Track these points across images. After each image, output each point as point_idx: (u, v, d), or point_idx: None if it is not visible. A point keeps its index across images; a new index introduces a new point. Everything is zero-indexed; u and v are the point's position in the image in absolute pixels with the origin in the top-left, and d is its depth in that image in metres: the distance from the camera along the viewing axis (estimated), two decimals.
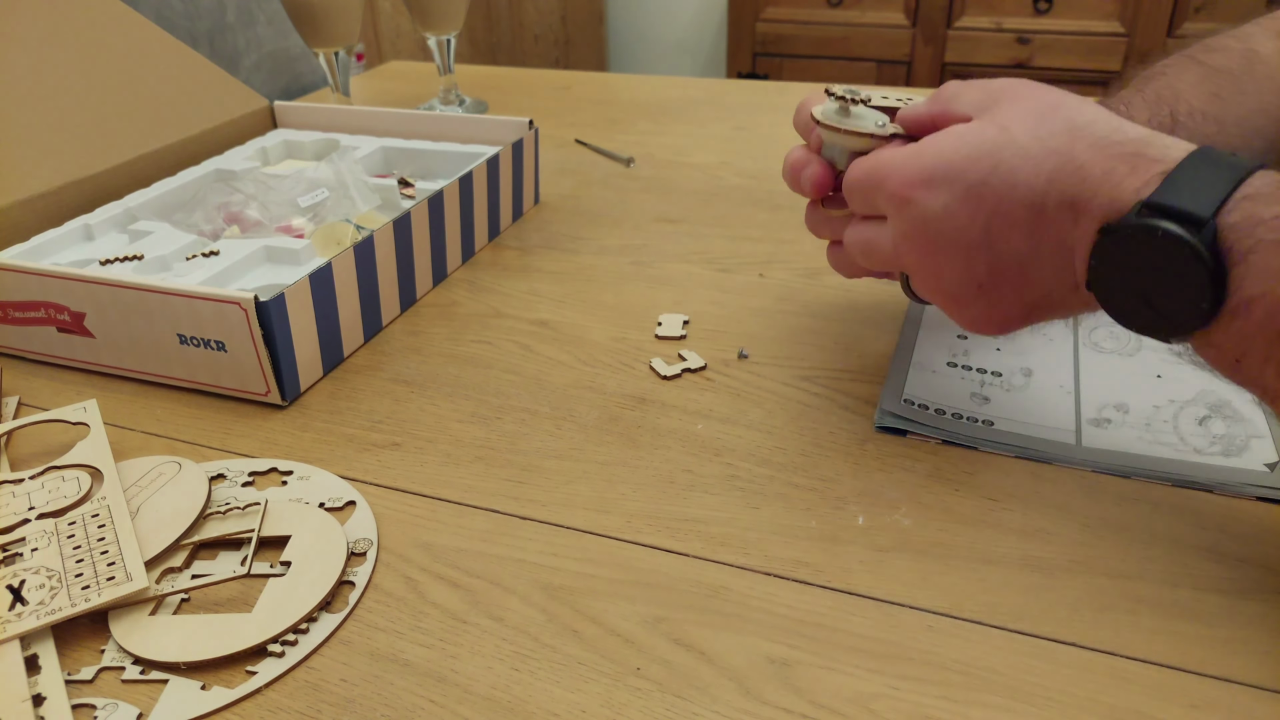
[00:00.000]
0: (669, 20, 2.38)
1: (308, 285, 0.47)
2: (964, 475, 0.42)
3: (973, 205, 0.36)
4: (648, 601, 0.36)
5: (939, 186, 0.36)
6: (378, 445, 0.45)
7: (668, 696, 0.32)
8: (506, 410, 0.47)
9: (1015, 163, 0.35)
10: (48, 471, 0.41)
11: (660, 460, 0.44)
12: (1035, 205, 0.35)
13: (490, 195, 0.65)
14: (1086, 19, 1.78)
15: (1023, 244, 0.36)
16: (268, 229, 0.59)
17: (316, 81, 1.21)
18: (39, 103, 0.61)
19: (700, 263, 0.63)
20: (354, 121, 0.74)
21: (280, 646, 0.34)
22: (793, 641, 0.34)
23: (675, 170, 0.79)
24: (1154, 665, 0.33)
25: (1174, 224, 0.31)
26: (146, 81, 0.68)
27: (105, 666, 0.33)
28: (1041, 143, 0.35)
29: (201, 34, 1.03)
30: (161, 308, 0.47)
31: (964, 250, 0.37)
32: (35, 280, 0.49)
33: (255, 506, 0.40)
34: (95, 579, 0.35)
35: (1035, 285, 0.37)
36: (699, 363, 0.50)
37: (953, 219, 0.36)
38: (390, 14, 1.45)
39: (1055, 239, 0.35)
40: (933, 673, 0.33)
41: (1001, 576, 0.36)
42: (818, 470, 0.43)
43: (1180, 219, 0.31)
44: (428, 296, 0.59)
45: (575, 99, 1.00)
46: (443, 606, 0.36)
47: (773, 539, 0.39)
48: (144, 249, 0.55)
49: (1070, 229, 0.35)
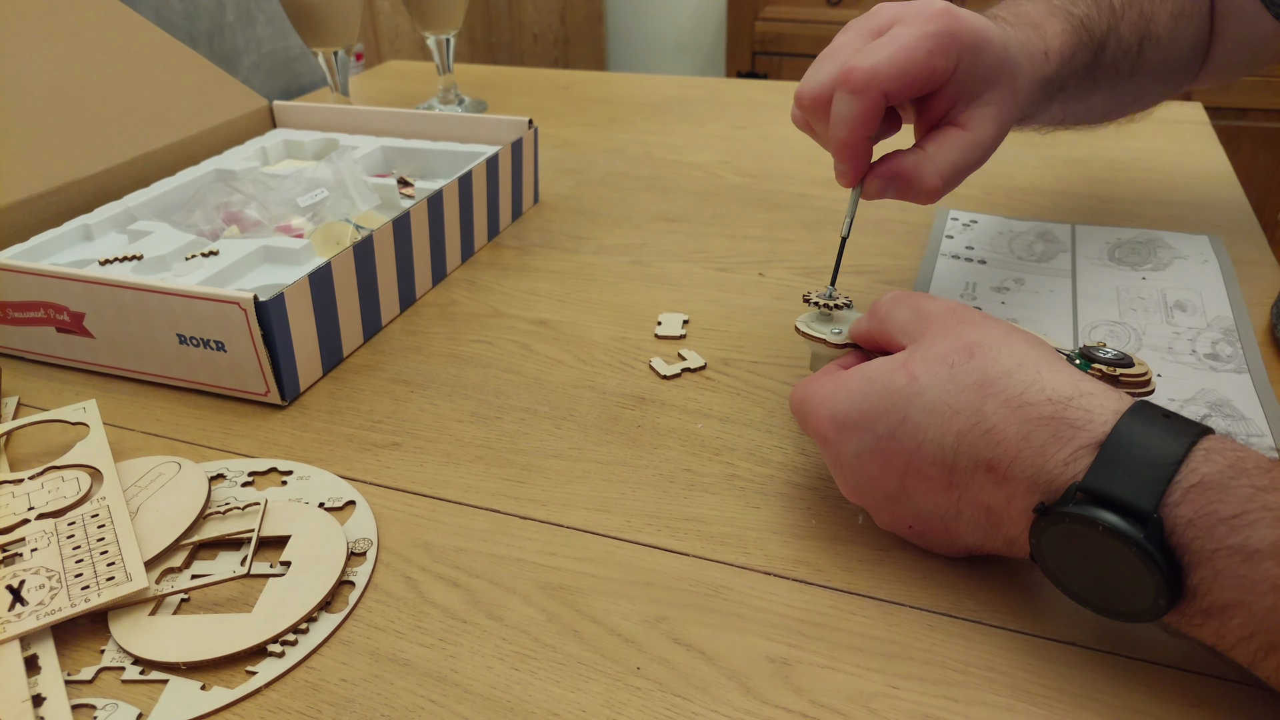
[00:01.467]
0: (668, 19, 2.38)
1: (307, 285, 0.47)
2: None
3: (884, 458, 0.34)
4: (648, 601, 0.36)
5: (850, 433, 0.35)
6: (377, 445, 0.45)
7: (668, 696, 0.32)
8: (506, 410, 0.47)
9: (920, 419, 0.33)
10: (47, 472, 0.41)
11: (660, 459, 0.44)
12: (946, 464, 0.33)
13: (489, 195, 0.65)
14: None
15: (941, 500, 0.34)
16: (267, 229, 0.59)
17: (315, 81, 1.21)
18: (38, 103, 0.61)
19: (699, 262, 0.63)
20: (353, 121, 0.74)
21: (280, 646, 0.34)
22: (793, 641, 0.34)
23: (674, 169, 0.79)
24: (1154, 664, 0.33)
25: (1115, 516, 0.28)
26: (145, 81, 0.68)
27: (105, 667, 0.33)
28: (948, 398, 0.32)
29: (200, 34, 1.02)
30: (161, 308, 0.47)
31: (885, 498, 0.35)
32: (34, 280, 0.49)
33: (255, 506, 0.40)
34: (95, 579, 0.35)
35: (965, 537, 0.35)
36: (699, 362, 0.50)
37: (867, 468, 0.35)
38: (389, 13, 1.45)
39: (975, 501, 0.33)
40: (933, 671, 0.33)
41: (1002, 575, 0.36)
42: (818, 469, 0.43)
43: (1120, 510, 0.28)
44: (427, 296, 0.59)
45: (575, 98, 1.00)
46: (443, 606, 0.36)
47: (773, 538, 0.39)
48: (143, 249, 0.55)
49: (991, 492, 0.32)
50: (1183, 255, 0.59)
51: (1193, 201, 0.68)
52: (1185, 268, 0.58)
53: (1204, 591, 0.28)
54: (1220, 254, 0.59)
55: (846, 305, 0.43)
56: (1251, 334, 0.51)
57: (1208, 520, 0.27)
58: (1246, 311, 0.53)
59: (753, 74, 2.04)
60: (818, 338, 0.41)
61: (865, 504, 0.37)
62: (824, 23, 1.94)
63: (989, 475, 0.32)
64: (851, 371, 0.36)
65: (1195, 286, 0.56)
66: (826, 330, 0.42)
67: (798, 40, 1.98)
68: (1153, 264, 0.58)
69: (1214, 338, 0.50)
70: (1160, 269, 0.58)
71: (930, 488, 0.34)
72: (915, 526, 0.36)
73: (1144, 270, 0.58)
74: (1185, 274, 0.57)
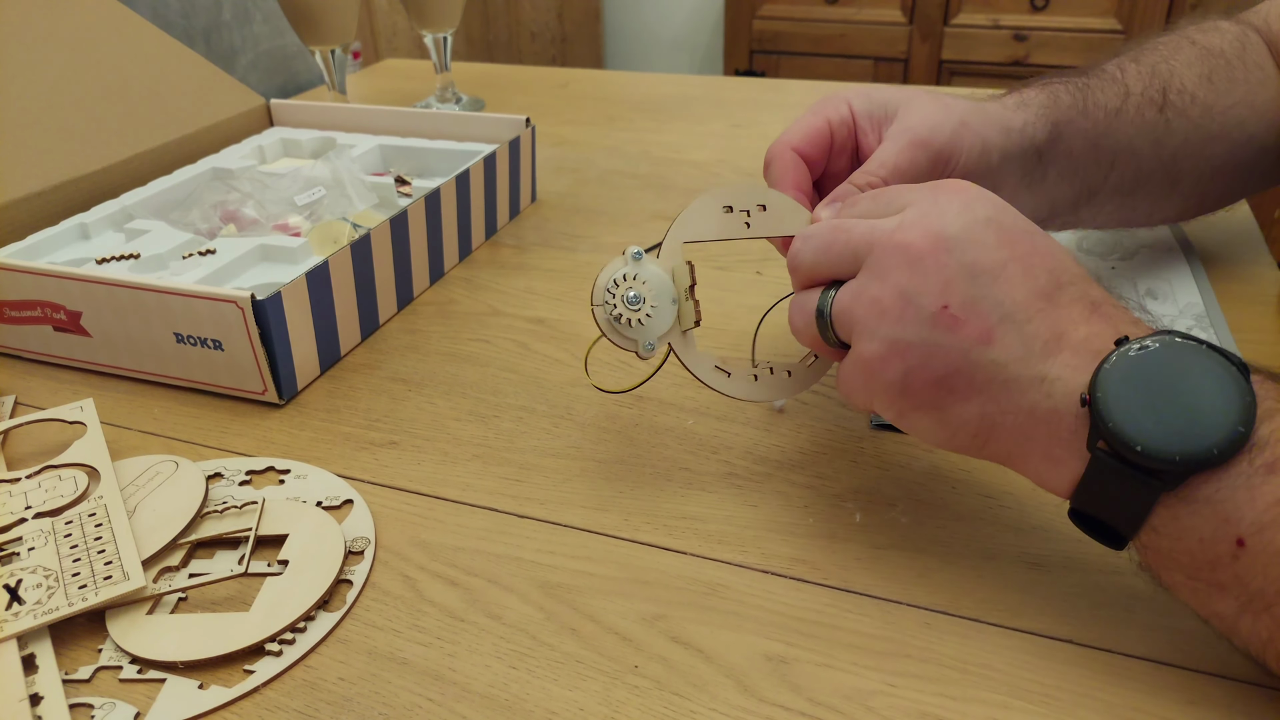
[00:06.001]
0: (666, 18, 2.38)
1: (304, 284, 0.47)
2: (961, 472, 0.42)
3: (1008, 236, 0.33)
4: (646, 599, 0.36)
5: (989, 201, 0.34)
6: (375, 444, 0.45)
7: (666, 694, 0.32)
8: (504, 408, 0.47)
9: (1056, 246, 0.33)
10: (44, 471, 0.41)
11: (658, 458, 0.44)
12: (1058, 280, 0.32)
13: (487, 193, 0.65)
14: (1083, 16, 1.78)
15: (1021, 300, 0.32)
16: (264, 227, 0.59)
17: (313, 79, 1.20)
18: (34, 101, 0.61)
19: (697, 260, 0.62)
20: (351, 119, 0.74)
21: (278, 645, 0.34)
22: (790, 639, 0.34)
23: (672, 168, 0.79)
24: (1151, 662, 0.33)
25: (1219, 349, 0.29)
26: (142, 80, 0.68)
27: (103, 666, 0.33)
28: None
29: (197, 32, 1.02)
30: (158, 307, 0.47)
31: (965, 270, 0.32)
32: (31, 279, 0.49)
33: (252, 505, 0.40)
34: (92, 578, 0.35)
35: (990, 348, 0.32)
36: None
37: (984, 234, 0.33)
38: (387, 11, 1.45)
39: (1053, 322, 0.32)
40: (930, 669, 0.33)
41: (999, 573, 0.36)
42: (815, 467, 0.43)
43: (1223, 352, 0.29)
44: (425, 295, 0.59)
45: (572, 96, 1.00)
46: (440, 605, 0.36)
47: (770, 536, 0.39)
48: (140, 248, 0.55)
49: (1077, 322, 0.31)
50: (1147, 244, 0.60)
51: None
52: (1152, 256, 0.59)
53: (1275, 441, 0.27)
54: (1186, 245, 0.60)
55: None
56: (1223, 320, 0.51)
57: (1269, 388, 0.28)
58: (1215, 298, 0.53)
59: (750, 72, 2.04)
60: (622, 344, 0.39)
61: (928, 263, 0.32)
62: (822, 21, 1.94)
63: (1088, 309, 0.32)
64: (940, 195, 0.34)
65: (1164, 275, 0.56)
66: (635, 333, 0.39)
67: (795, 39, 1.98)
68: (1120, 253, 0.59)
69: (1188, 324, 0.51)
70: (1127, 258, 0.58)
71: (1028, 283, 0.32)
72: (953, 309, 0.32)
73: (1112, 260, 0.58)
74: (1153, 262, 0.58)
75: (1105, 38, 1.77)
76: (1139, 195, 0.51)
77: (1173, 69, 0.50)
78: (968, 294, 0.32)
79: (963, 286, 0.32)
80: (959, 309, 0.32)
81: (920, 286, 0.32)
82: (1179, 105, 0.49)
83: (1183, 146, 0.50)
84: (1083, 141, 0.47)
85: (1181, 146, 0.50)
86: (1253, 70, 0.51)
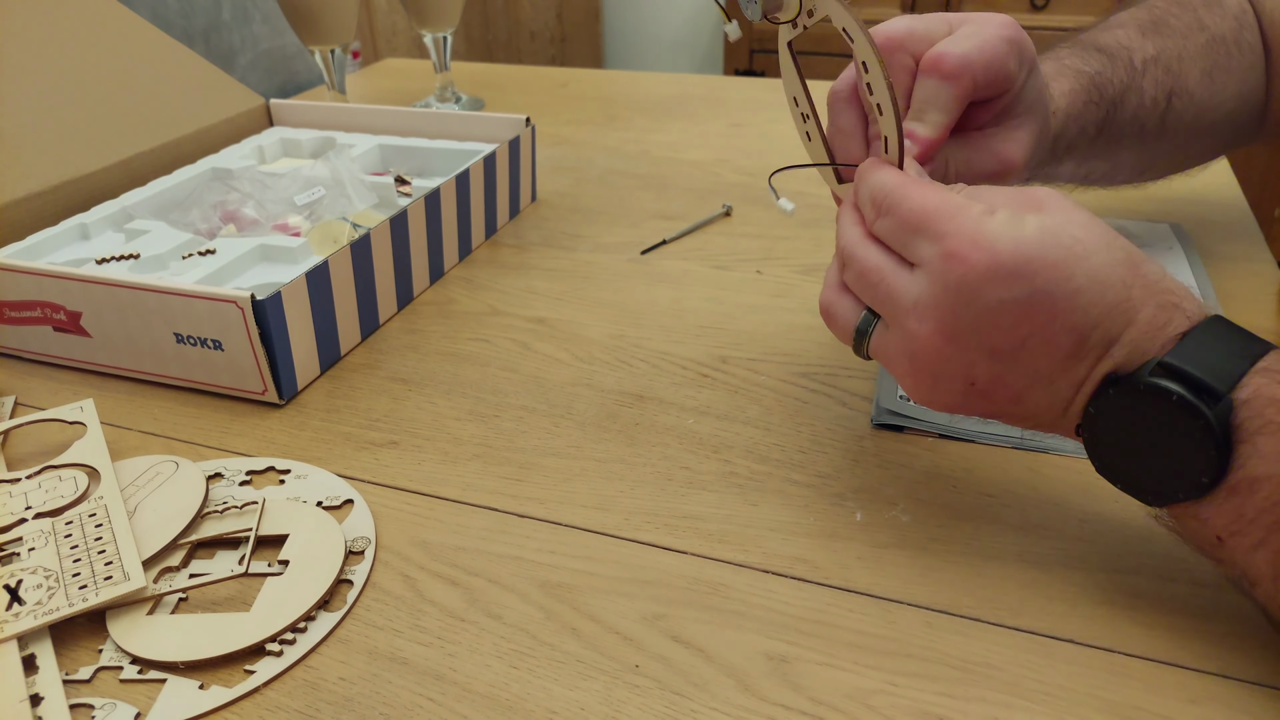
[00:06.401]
0: (665, 17, 2.38)
1: (304, 284, 0.47)
2: (961, 471, 0.42)
3: (1024, 314, 0.31)
4: (646, 599, 0.36)
5: (1005, 280, 0.31)
6: (375, 444, 0.45)
7: (666, 694, 0.32)
8: (504, 408, 0.47)
9: (1083, 284, 0.31)
10: (44, 471, 0.41)
11: (658, 457, 0.44)
12: (1082, 333, 0.31)
13: (487, 193, 0.65)
14: (1084, 15, 1.78)
15: (1051, 368, 0.32)
16: (264, 227, 0.59)
17: (312, 79, 1.20)
18: (34, 101, 0.61)
19: (697, 260, 0.63)
20: (350, 119, 0.74)
21: (278, 645, 0.34)
22: (791, 638, 0.34)
23: (672, 167, 0.79)
24: (1152, 661, 0.33)
25: (1190, 392, 0.29)
26: (142, 80, 0.68)
27: (103, 666, 0.33)
28: (1108, 269, 0.31)
29: (197, 32, 1.02)
30: (158, 307, 0.47)
31: (986, 353, 0.32)
32: (31, 280, 0.49)
33: (253, 505, 0.40)
34: (93, 578, 0.35)
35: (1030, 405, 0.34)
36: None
37: (997, 319, 0.32)
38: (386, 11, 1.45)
39: (1074, 376, 0.32)
40: (931, 669, 0.33)
41: (999, 572, 0.36)
42: (815, 467, 0.43)
43: (1197, 388, 0.29)
44: (425, 294, 0.59)
45: (572, 96, 1.00)
46: (441, 605, 0.36)
47: (771, 536, 0.39)
48: (140, 248, 0.55)
49: (1094, 367, 0.32)
50: (1146, 242, 0.60)
51: (1190, 197, 0.68)
52: (1151, 255, 0.58)
53: (1238, 467, 0.29)
54: (1184, 241, 0.60)
55: None
56: None
57: (1260, 401, 0.29)
58: (1215, 297, 0.53)
59: (750, 72, 2.03)
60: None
61: (949, 350, 0.33)
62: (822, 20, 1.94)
63: (1104, 349, 0.32)
64: (1015, 215, 0.32)
65: None
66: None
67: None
68: None
69: None
70: None
71: (1050, 353, 0.32)
72: (981, 383, 0.33)
73: None
74: None
75: None
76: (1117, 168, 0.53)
77: (1183, 67, 0.51)
78: (992, 371, 0.33)
79: (985, 366, 0.33)
80: (986, 385, 0.33)
81: (945, 370, 0.34)
82: (1178, 109, 0.50)
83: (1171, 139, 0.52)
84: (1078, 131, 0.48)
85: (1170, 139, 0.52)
86: (1245, 54, 0.52)
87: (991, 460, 0.42)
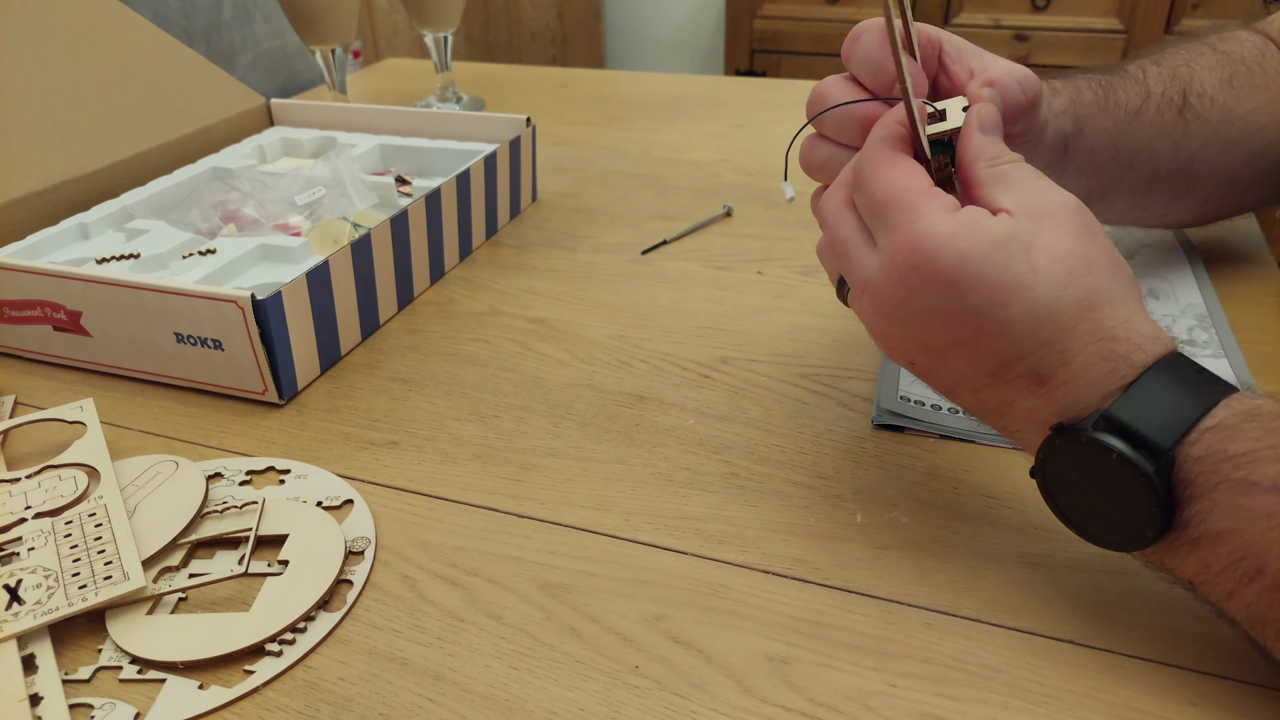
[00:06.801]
0: (666, 17, 2.38)
1: (305, 284, 0.47)
2: (962, 472, 0.42)
3: (954, 324, 0.32)
4: (646, 599, 0.36)
5: (939, 286, 0.32)
6: (375, 444, 0.45)
7: (666, 695, 0.32)
8: (504, 408, 0.47)
9: (1016, 313, 0.31)
10: (44, 470, 0.41)
11: (658, 458, 0.43)
12: (1006, 360, 0.32)
13: (488, 193, 0.65)
14: (1085, 15, 1.78)
15: (973, 377, 0.33)
16: (265, 227, 0.59)
17: (313, 79, 1.20)
18: (35, 101, 0.61)
19: (698, 260, 0.62)
20: (351, 119, 0.74)
21: (278, 645, 0.34)
22: (791, 639, 0.34)
23: (673, 167, 0.79)
24: (1152, 662, 0.33)
25: (1131, 449, 0.29)
26: (142, 79, 0.68)
27: (102, 666, 0.33)
28: (1051, 305, 0.31)
29: (198, 31, 1.02)
30: (158, 306, 0.47)
31: (918, 345, 0.34)
32: (31, 279, 0.49)
33: (252, 505, 0.40)
34: (92, 578, 0.35)
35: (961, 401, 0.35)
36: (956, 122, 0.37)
37: (927, 321, 0.33)
38: (387, 11, 1.45)
39: (1003, 395, 0.33)
40: (931, 670, 0.33)
41: (1000, 573, 0.36)
42: (816, 468, 0.42)
43: (1138, 444, 0.29)
44: (425, 294, 0.59)
45: (573, 96, 1.00)
46: (441, 605, 0.36)
47: (771, 537, 0.39)
48: (140, 247, 0.55)
49: (1024, 396, 0.32)
50: (1148, 243, 0.60)
51: None
52: (1153, 256, 0.59)
53: (1198, 522, 0.29)
54: (1186, 242, 0.60)
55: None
56: (1224, 319, 0.51)
57: (1215, 457, 0.29)
58: (1216, 298, 0.53)
59: (751, 72, 2.04)
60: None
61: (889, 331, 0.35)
62: (822, 20, 1.94)
63: (1034, 384, 0.32)
64: (973, 222, 0.32)
65: (1165, 274, 0.56)
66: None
67: (796, 38, 1.97)
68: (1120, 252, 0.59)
69: (1189, 324, 0.51)
70: (1128, 257, 0.58)
71: (974, 365, 0.33)
72: (919, 366, 0.35)
73: None
74: (1154, 262, 0.58)
75: (1106, 37, 1.77)
76: (1154, 196, 0.51)
77: (1194, 72, 0.50)
78: (924, 362, 0.35)
79: (919, 355, 0.35)
80: (922, 370, 0.36)
81: (889, 345, 0.36)
82: (1198, 108, 0.50)
83: (1200, 150, 0.50)
84: (1103, 138, 0.47)
85: (1199, 150, 0.50)
86: (1273, 78, 0.51)
87: (992, 461, 0.42)
